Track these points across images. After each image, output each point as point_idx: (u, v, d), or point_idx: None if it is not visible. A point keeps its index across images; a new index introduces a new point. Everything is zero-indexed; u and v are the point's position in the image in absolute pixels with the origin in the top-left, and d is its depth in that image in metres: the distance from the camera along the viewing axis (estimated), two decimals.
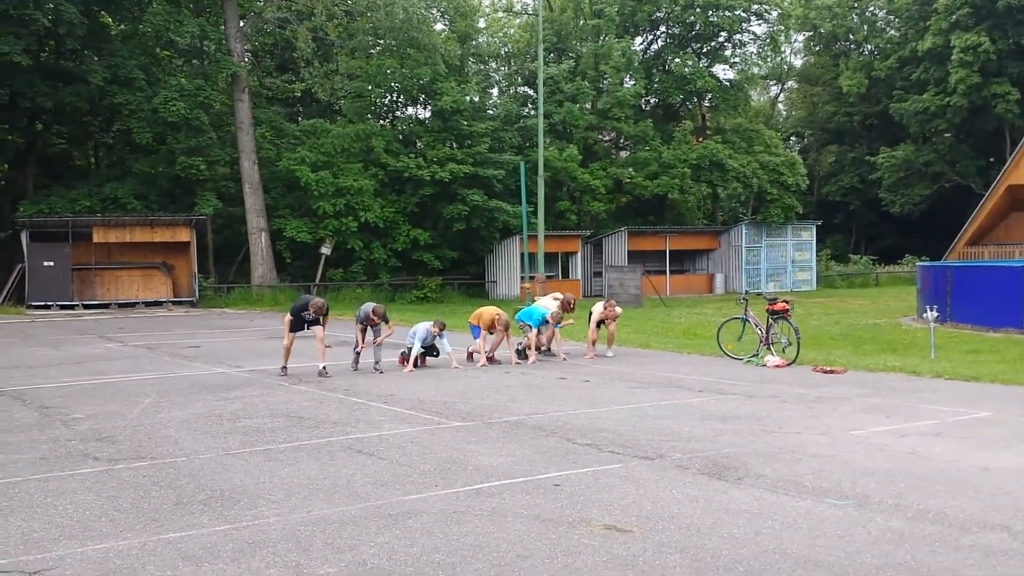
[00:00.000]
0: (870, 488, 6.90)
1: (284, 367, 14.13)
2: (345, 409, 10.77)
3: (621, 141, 47.22)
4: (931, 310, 16.48)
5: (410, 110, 42.65)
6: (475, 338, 15.69)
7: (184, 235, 34.24)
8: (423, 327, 14.88)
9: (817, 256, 46.64)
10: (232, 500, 6.71)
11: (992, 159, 54.23)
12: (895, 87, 55.62)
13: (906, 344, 18.35)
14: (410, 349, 14.67)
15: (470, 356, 15.75)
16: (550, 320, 15.87)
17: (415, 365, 14.60)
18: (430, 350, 15.07)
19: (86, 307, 32.39)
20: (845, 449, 8.32)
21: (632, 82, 43.62)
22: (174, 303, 33.99)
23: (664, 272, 41.54)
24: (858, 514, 6.24)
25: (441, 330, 14.81)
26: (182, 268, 35.17)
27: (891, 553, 5.40)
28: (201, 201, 35.05)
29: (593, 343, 16.50)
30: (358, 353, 14.62)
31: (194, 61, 39.19)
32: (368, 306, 14.72)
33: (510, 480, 7.23)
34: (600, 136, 44.85)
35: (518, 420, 9.89)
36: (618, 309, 16.73)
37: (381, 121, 41.45)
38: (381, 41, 39.36)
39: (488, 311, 15.80)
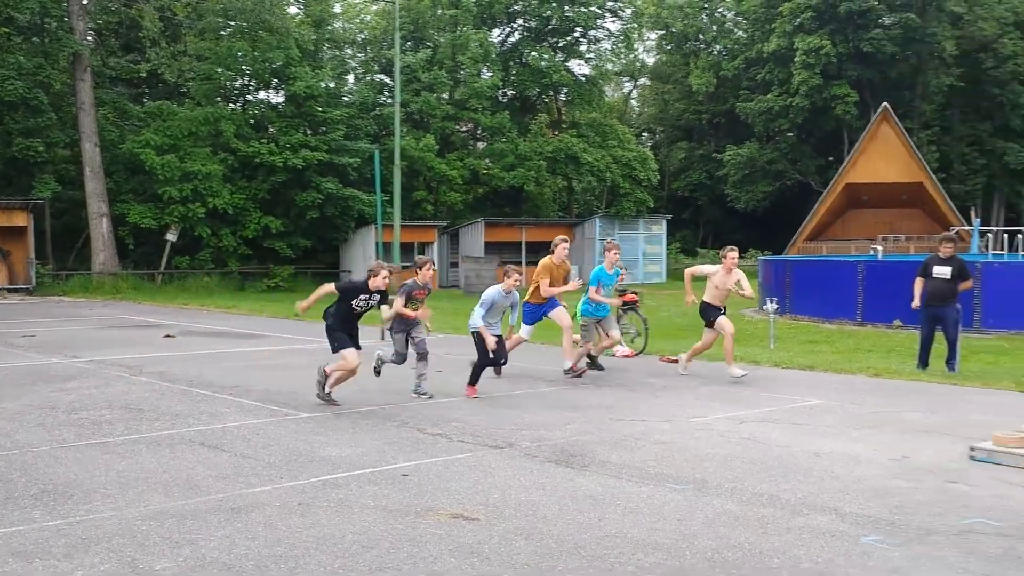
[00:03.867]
0: (709, 473, 7.13)
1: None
2: (188, 401, 10.41)
3: (478, 132, 47.33)
4: (771, 302, 17.21)
5: (262, 94, 41.53)
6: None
7: (21, 219, 32.46)
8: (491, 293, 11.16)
9: (667, 249, 47.97)
10: (66, 494, 6.41)
11: (831, 158, 56.99)
12: (741, 87, 57.73)
13: (748, 335, 19.07)
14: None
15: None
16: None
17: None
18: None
19: None
20: (687, 436, 8.57)
21: (489, 74, 43.77)
22: (9, 290, 32.13)
23: (521, 263, 41.89)
24: (697, 498, 6.42)
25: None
26: (18, 254, 33.27)
27: (726, 535, 5.58)
28: (39, 184, 33.27)
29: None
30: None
31: (34, 39, 37.01)
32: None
33: (358, 471, 7.13)
34: (457, 126, 44.81)
35: (369, 411, 9.78)
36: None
37: (231, 105, 40.18)
38: (232, 23, 38.17)
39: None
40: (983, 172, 55.46)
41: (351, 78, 45.86)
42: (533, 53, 45.98)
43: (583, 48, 49.23)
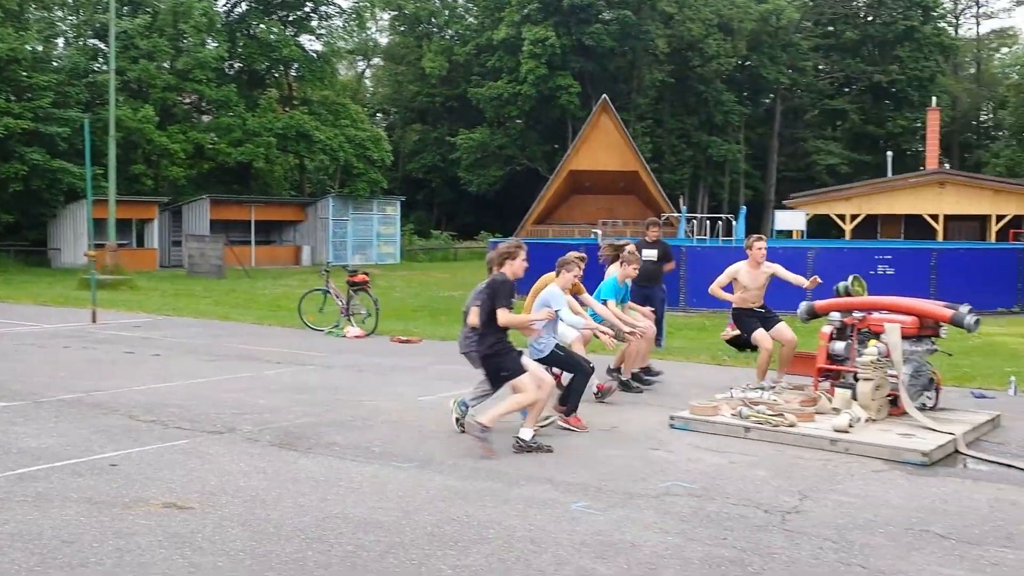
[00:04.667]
0: (434, 450, 7.25)
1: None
2: None
3: (203, 105, 45.29)
4: None
5: None
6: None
7: None
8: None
9: (401, 231, 48.17)
10: None
11: (557, 146, 59.40)
12: (473, 72, 58.86)
13: None
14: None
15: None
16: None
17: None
18: None
19: None
20: (414, 415, 8.67)
21: (215, 44, 41.94)
22: None
23: (249, 243, 40.63)
24: (420, 475, 6.52)
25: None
26: None
27: (446, 510, 5.71)
28: None
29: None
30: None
31: None
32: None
33: (60, 462, 6.66)
34: (180, 98, 42.62)
35: (75, 398, 9.14)
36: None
37: None
38: None
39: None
40: (690, 163, 59.94)
41: (61, 42, 42.40)
42: (261, 26, 44.54)
43: (314, 24, 48.27)
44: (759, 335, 9.78)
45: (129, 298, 21.73)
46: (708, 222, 31.10)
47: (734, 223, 31.22)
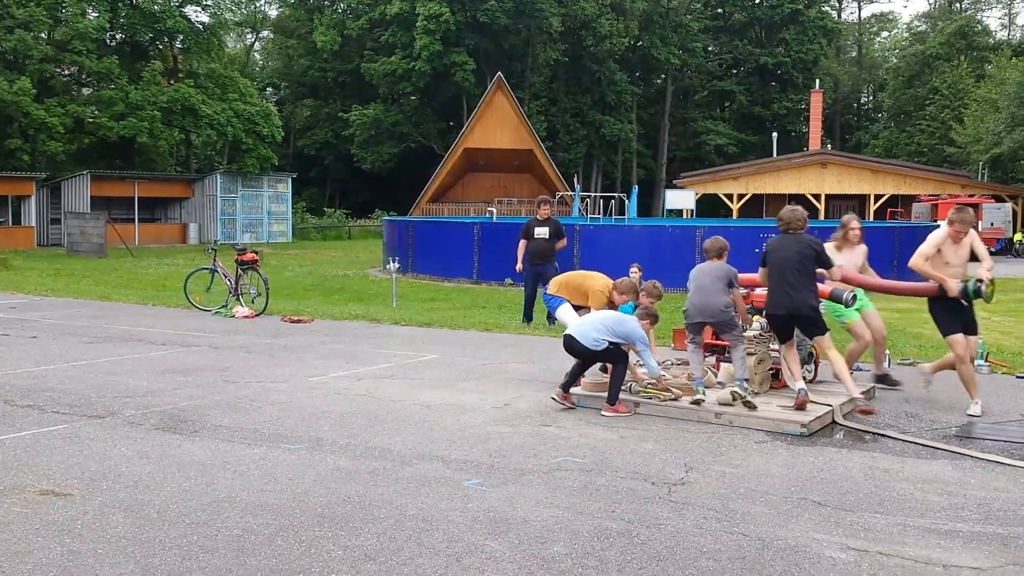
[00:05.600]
0: (323, 431, 7.17)
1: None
2: None
3: (83, 77, 43.56)
4: (394, 262, 17.69)
5: None
6: (552, 309, 10.32)
7: None
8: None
9: (293, 208, 47.37)
10: None
11: (452, 123, 59.19)
12: (366, 47, 58.06)
13: (372, 294, 19.44)
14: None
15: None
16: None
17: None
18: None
19: None
20: (304, 395, 8.55)
21: (95, 14, 40.35)
22: None
23: (133, 220, 39.37)
24: (310, 456, 6.44)
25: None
26: None
27: (337, 491, 5.66)
28: None
29: None
30: None
31: None
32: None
33: None
34: (59, 70, 40.91)
35: None
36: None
37: None
38: None
39: (590, 280, 9.82)
40: (584, 142, 60.49)
41: None
42: None
43: None
44: (956, 339, 7.86)
45: (4, 278, 20.86)
46: (601, 201, 31.47)
47: (626, 202, 31.66)
